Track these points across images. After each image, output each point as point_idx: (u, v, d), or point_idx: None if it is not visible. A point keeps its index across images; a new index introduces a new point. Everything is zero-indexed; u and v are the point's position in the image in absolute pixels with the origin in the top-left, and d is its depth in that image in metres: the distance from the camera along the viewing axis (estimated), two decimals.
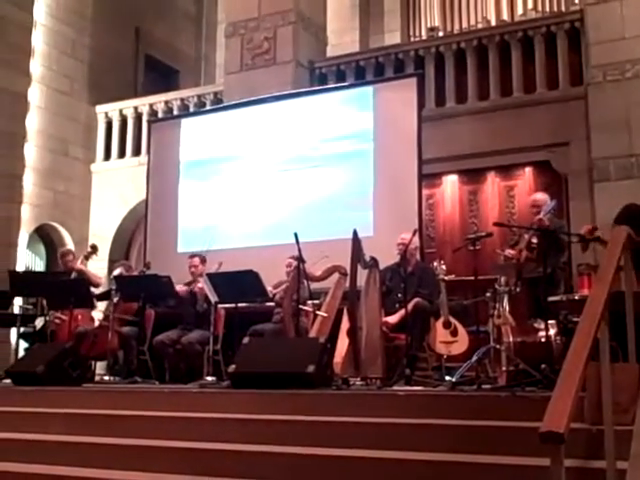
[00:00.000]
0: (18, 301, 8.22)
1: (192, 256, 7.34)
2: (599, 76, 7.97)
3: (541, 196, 6.23)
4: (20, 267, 10.15)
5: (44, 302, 7.47)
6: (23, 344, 8.03)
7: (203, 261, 7.24)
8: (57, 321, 7.26)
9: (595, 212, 7.71)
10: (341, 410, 4.20)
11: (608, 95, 7.89)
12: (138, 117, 11.33)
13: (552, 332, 4.88)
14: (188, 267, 7.25)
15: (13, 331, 8.51)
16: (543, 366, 4.54)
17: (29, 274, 9.02)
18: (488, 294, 5.67)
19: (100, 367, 7.80)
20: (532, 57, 8.69)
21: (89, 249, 7.91)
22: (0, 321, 7.91)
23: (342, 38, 11.62)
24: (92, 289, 7.32)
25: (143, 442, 4.12)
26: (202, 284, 6.76)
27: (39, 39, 10.92)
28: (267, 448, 3.78)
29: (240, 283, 6.25)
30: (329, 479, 3.43)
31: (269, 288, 6.59)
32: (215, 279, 6.48)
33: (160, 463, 3.85)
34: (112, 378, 6.83)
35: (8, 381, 6.36)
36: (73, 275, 7.52)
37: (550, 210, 5.72)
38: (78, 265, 7.68)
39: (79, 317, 7.19)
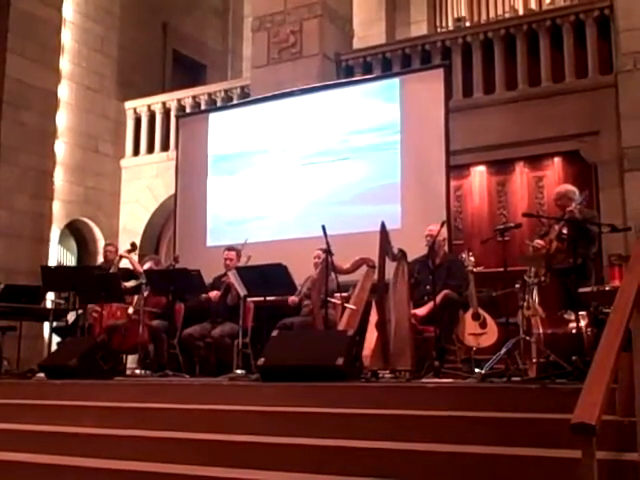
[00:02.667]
0: (50, 296, 8.32)
1: (229, 249, 7.28)
2: (629, 64, 7.84)
3: (563, 188, 6.10)
4: (52, 262, 10.29)
5: (77, 297, 7.58)
6: (56, 338, 8.14)
7: (239, 255, 7.20)
8: (95, 314, 7.34)
9: (625, 201, 7.61)
10: (370, 402, 4.21)
11: (638, 83, 7.76)
12: (166, 112, 11.42)
13: (583, 323, 4.83)
14: (223, 259, 7.20)
15: (46, 325, 8.62)
16: (574, 358, 4.50)
17: (61, 269, 9.12)
18: (517, 285, 5.63)
19: (131, 361, 7.88)
20: (560, 46, 8.57)
21: (129, 247, 8.05)
22: (33, 316, 8.01)
23: (368, 30, 11.57)
24: (124, 283, 7.40)
25: (173, 434, 4.17)
26: (231, 278, 6.78)
27: (68, 37, 11.06)
28: (296, 440, 3.81)
29: (269, 276, 6.26)
30: (358, 471, 3.43)
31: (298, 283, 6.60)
32: (244, 272, 6.51)
33: (190, 455, 3.89)
34: (143, 371, 6.87)
35: (42, 374, 6.47)
36: (113, 267, 7.68)
37: (581, 201, 5.65)
38: (122, 252, 7.99)
39: (118, 313, 7.28)
